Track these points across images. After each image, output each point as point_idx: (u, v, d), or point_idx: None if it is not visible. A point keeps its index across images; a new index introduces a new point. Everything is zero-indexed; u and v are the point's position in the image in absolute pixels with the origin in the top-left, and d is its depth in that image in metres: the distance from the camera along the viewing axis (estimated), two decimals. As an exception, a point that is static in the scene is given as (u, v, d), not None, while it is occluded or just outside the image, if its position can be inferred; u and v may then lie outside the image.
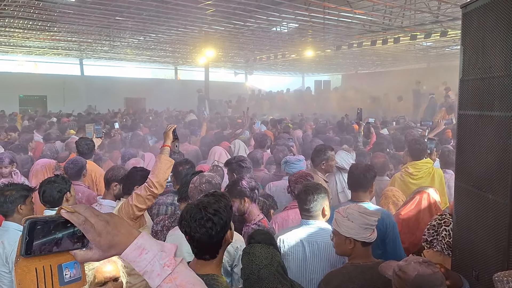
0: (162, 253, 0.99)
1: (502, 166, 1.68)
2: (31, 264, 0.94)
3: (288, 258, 2.66)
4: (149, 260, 0.98)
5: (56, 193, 3.01)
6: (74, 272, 0.98)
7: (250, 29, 14.75)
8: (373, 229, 2.25)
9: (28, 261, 0.94)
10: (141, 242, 0.99)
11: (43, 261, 0.95)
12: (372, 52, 18.53)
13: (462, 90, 2.06)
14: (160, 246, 1.01)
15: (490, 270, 1.73)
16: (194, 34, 15.50)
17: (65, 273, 0.97)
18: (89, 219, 0.97)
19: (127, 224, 1.04)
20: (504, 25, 1.69)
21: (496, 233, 1.72)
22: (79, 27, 14.03)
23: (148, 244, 1.00)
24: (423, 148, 4.33)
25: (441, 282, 1.73)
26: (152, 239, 1.03)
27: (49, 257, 0.96)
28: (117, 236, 0.98)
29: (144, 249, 0.99)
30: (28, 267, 0.94)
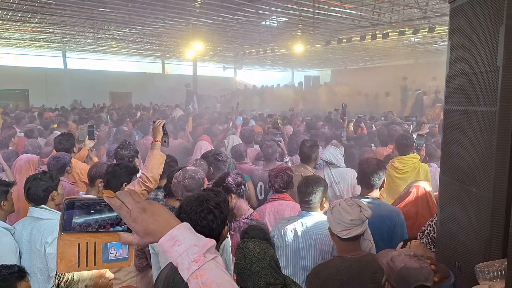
0: (194, 248, 0.98)
1: (486, 161, 1.71)
2: (75, 239, 1.01)
3: (283, 247, 2.78)
4: (180, 253, 0.97)
5: (41, 191, 2.93)
6: (121, 252, 1.04)
7: (239, 23, 14.66)
8: (347, 227, 2.23)
9: (72, 236, 1.01)
10: (175, 234, 0.99)
11: (88, 238, 1.02)
12: (361, 47, 18.62)
13: (448, 85, 2.08)
14: (195, 240, 0.99)
15: (472, 261, 1.76)
16: (182, 27, 15.33)
17: (110, 252, 1.03)
18: (127, 204, 1.01)
19: (167, 214, 1.04)
20: (491, 20, 1.71)
21: (479, 226, 1.75)
22: (61, 18, 13.68)
23: (182, 236, 0.99)
24: (409, 144, 4.39)
25: (425, 278, 1.75)
26: (189, 231, 1.01)
27: (94, 235, 1.02)
28: (153, 224, 1.00)
29: (177, 240, 0.98)
30: (71, 241, 1.01)
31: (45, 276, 2.78)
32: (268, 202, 3.43)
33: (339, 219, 2.25)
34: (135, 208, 1.01)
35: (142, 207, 1.02)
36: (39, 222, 2.85)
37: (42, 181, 2.95)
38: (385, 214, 2.94)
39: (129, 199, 1.02)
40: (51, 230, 2.78)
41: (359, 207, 2.27)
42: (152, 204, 1.05)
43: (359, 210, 2.26)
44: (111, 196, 1.02)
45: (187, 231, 1.01)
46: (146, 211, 1.02)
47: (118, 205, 1.01)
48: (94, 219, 1.02)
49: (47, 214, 2.88)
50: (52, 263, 2.76)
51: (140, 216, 1.01)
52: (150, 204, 1.04)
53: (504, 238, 1.61)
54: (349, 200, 2.34)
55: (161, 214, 1.03)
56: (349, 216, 2.22)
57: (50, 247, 2.76)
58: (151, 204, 1.05)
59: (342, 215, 2.24)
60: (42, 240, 2.77)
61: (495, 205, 1.65)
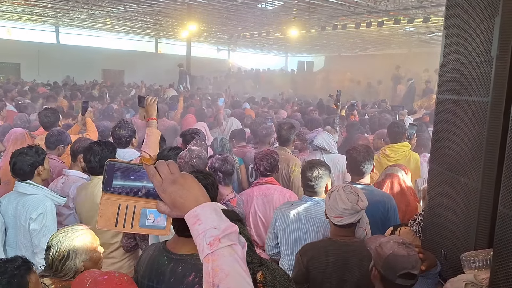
0: (213, 230, 0.95)
1: (476, 151, 1.72)
2: (116, 200, 1.05)
3: (286, 231, 2.80)
4: (199, 232, 0.95)
5: (27, 166, 2.87)
6: (158, 220, 1.06)
7: (235, 4, 14.46)
8: (340, 214, 2.24)
9: (115, 197, 1.05)
10: (198, 212, 0.97)
11: (128, 201, 1.05)
12: (356, 35, 18.54)
13: (441, 75, 2.08)
14: (216, 223, 0.96)
15: (458, 250, 1.78)
16: (177, 6, 15.10)
17: (148, 217, 1.05)
18: (161, 174, 1.01)
19: (198, 189, 1.02)
20: (486, 10, 1.69)
21: (466, 215, 1.77)
22: (55, -8, 13.46)
23: (204, 216, 0.97)
24: (401, 131, 4.43)
25: (412, 265, 1.77)
26: (213, 212, 0.98)
27: (135, 199, 1.05)
28: (181, 198, 0.99)
29: (198, 219, 0.97)
30: (113, 201, 1.05)
31: (30, 251, 2.76)
32: (254, 186, 3.39)
33: (333, 205, 2.25)
34: (167, 179, 1.01)
35: (174, 179, 1.01)
36: (24, 197, 2.81)
37: (28, 156, 2.88)
38: (378, 200, 2.95)
39: (164, 169, 1.02)
40: (36, 206, 2.75)
41: (357, 197, 2.25)
42: (185, 177, 1.03)
43: (356, 199, 2.24)
44: (149, 163, 1.03)
45: (211, 212, 0.98)
46: (176, 183, 1.00)
47: (152, 173, 1.01)
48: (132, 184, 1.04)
49: (32, 189, 2.84)
50: (36, 239, 2.74)
51: (170, 188, 1.00)
52: (183, 177, 1.02)
53: (491, 228, 1.63)
54: (349, 188, 2.31)
55: (191, 188, 1.01)
56: (343, 205, 2.22)
57: (34, 223, 2.73)
58: (184, 177, 1.03)
59: (337, 202, 2.24)
60: (26, 215, 2.74)
61: (483, 196, 1.67)
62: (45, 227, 2.76)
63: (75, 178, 3.37)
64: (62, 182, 3.38)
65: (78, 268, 1.96)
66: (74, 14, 17.93)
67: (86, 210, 2.94)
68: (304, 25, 17.15)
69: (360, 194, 2.29)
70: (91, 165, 2.99)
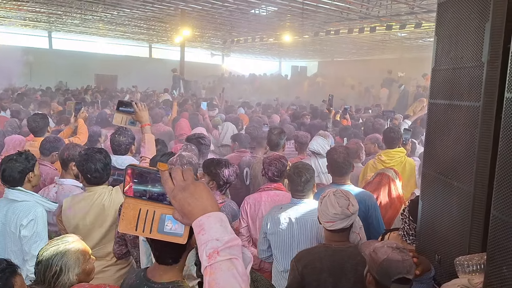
0: (214, 242, 0.93)
1: (468, 155, 1.73)
2: (137, 204, 1.07)
3: (277, 234, 2.82)
4: (202, 242, 0.94)
5: (17, 173, 2.80)
6: (176, 227, 1.06)
7: (229, 10, 14.51)
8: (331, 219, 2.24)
9: (136, 201, 1.07)
10: (203, 221, 0.96)
11: (148, 206, 1.06)
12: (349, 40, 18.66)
13: (433, 80, 2.09)
14: (219, 234, 0.94)
15: (452, 254, 1.78)
16: (170, 11, 15.12)
17: (166, 224, 1.07)
18: (173, 180, 1.01)
19: (207, 198, 1.00)
20: (476, 16, 1.71)
21: (459, 219, 1.78)
22: (48, -3, 13.42)
23: (209, 226, 0.95)
24: (397, 137, 4.43)
25: (407, 270, 1.76)
26: (218, 223, 0.96)
27: (155, 205, 1.06)
28: (189, 205, 0.98)
29: (202, 229, 0.96)
30: (134, 205, 1.07)
31: (20, 259, 2.71)
32: (263, 191, 3.33)
33: (324, 211, 2.26)
34: (178, 186, 1.00)
35: (184, 185, 1.00)
36: (14, 204, 2.76)
37: (18, 163, 2.82)
38: (358, 199, 2.97)
39: (177, 175, 1.01)
40: (26, 213, 2.71)
41: (348, 201, 2.25)
42: (196, 185, 1.01)
43: (347, 204, 2.24)
44: (164, 169, 1.03)
45: (216, 222, 0.96)
46: (186, 190, 0.99)
47: (164, 179, 1.01)
48: (148, 189, 1.06)
49: (23, 196, 2.79)
50: (26, 246, 2.69)
51: (179, 194, 0.99)
52: (194, 184, 1.01)
53: (484, 232, 1.63)
54: (340, 192, 2.32)
55: (199, 196, 0.99)
56: (333, 210, 2.22)
57: (25, 230, 2.68)
58: (195, 184, 1.01)
59: (328, 207, 2.24)
60: (17, 222, 2.69)
61: (476, 200, 1.67)
62: (36, 234, 2.71)
63: (70, 187, 3.28)
64: (55, 191, 3.28)
65: (72, 282, 1.92)
66: (67, 19, 17.88)
67: (87, 223, 2.81)
68: (298, 31, 17.24)
69: (351, 199, 2.29)
70: (97, 175, 2.81)
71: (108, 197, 2.83)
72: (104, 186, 2.89)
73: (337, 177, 3.25)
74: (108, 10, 15.55)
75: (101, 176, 2.84)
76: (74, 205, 2.85)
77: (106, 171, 2.87)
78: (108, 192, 2.86)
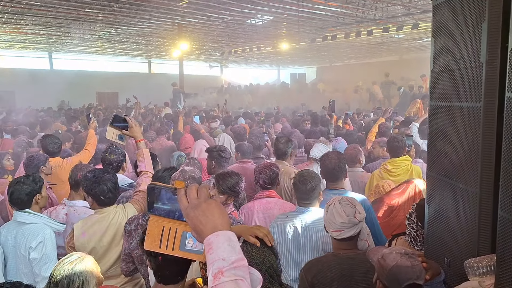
0: (221, 262, 0.93)
1: (472, 156, 1.72)
2: (161, 222, 1.10)
3: (283, 243, 2.82)
4: (210, 262, 0.95)
5: (25, 195, 2.83)
6: (197, 245, 1.08)
7: (225, 22, 14.62)
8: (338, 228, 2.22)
9: (160, 219, 1.10)
10: (212, 240, 0.96)
11: (172, 223, 1.09)
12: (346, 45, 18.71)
13: (433, 82, 2.09)
14: (226, 254, 0.94)
15: (461, 257, 1.77)
16: (167, 26, 15.25)
17: (187, 241, 1.09)
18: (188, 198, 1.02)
19: (218, 217, 1.00)
20: (473, 17, 1.72)
21: (467, 221, 1.76)
22: (47, 19, 13.55)
23: (216, 245, 0.95)
24: (401, 146, 4.40)
25: (417, 276, 1.74)
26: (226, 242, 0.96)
27: (178, 223, 1.09)
28: (201, 224, 0.99)
29: (211, 248, 0.96)
30: (158, 222, 1.10)
31: (31, 281, 2.72)
32: (255, 200, 3.38)
33: (331, 220, 2.23)
34: (191, 204, 1.01)
35: (197, 203, 1.00)
36: (23, 226, 2.78)
37: (25, 185, 2.85)
38: None
39: (192, 193, 1.02)
40: (35, 235, 2.72)
41: (354, 209, 2.22)
42: (208, 203, 1.01)
43: (354, 212, 2.21)
44: (180, 187, 1.04)
45: (224, 241, 0.96)
46: (198, 209, 1.00)
47: (179, 197, 1.03)
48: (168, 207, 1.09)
49: (31, 218, 2.81)
50: (36, 268, 2.70)
51: (192, 213, 1.00)
52: (206, 202, 1.01)
53: (493, 233, 1.62)
54: (345, 201, 2.28)
55: (210, 215, 0.99)
56: (340, 219, 2.20)
57: (34, 252, 2.69)
58: (208, 202, 1.01)
59: (334, 216, 2.22)
60: (26, 245, 2.71)
61: (482, 200, 1.66)
62: (45, 256, 2.73)
63: (82, 209, 3.24)
64: (65, 213, 3.25)
65: None
66: (66, 39, 18.05)
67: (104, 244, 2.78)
68: (294, 38, 17.32)
69: (358, 206, 2.27)
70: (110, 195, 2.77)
71: (124, 215, 2.80)
72: (115, 205, 2.86)
73: (330, 183, 3.28)
74: (106, 29, 15.70)
75: (114, 196, 2.82)
76: (88, 229, 2.77)
77: (117, 190, 2.87)
78: (121, 210, 2.84)
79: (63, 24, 14.52)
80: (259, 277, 1.01)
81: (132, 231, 2.59)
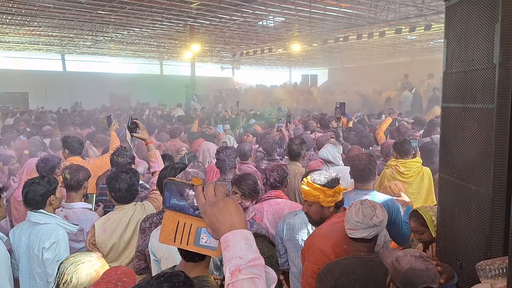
0: (238, 260, 0.95)
1: (484, 158, 1.71)
2: (176, 217, 1.11)
3: (293, 240, 2.86)
4: (227, 259, 0.96)
5: (39, 196, 2.85)
6: (211, 241, 1.09)
7: (236, 23, 14.66)
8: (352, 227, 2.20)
9: (176, 214, 1.11)
10: (229, 238, 0.98)
11: (186, 219, 1.10)
12: (358, 46, 18.62)
13: (445, 83, 2.08)
14: (243, 252, 0.96)
15: (473, 259, 1.75)
16: (179, 28, 15.34)
17: (201, 237, 1.10)
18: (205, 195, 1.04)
19: (235, 215, 1.02)
20: (486, 18, 1.71)
21: (479, 223, 1.75)
22: (60, 21, 13.74)
23: (234, 243, 0.97)
24: (410, 148, 4.46)
25: (432, 279, 1.73)
26: (243, 240, 0.98)
27: (192, 218, 1.10)
28: (218, 221, 1.01)
29: (228, 245, 0.98)
30: (173, 217, 1.11)
31: (44, 281, 2.76)
32: (264, 201, 3.37)
33: (349, 217, 2.23)
34: (209, 201, 1.02)
35: (214, 201, 1.02)
36: (37, 227, 2.81)
37: (40, 186, 2.87)
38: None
39: (209, 191, 1.04)
40: (49, 235, 2.75)
41: (374, 212, 2.18)
42: (226, 201, 1.03)
43: (372, 215, 2.17)
44: (197, 184, 1.06)
45: (241, 239, 0.98)
46: (216, 206, 1.01)
47: (197, 194, 1.05)
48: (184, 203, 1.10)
49: (45, 219, 2.83)
50: (50, 268, 2.73)
51: (209, 210, 1.02)
52: (224, 200, 1.03)
53: (505, 235, 1.61)
54: (368, 203, 2.25)
55: (228, 213, 1.01)
56: (355, 217, 2.18)
57: (48, 252, 2.73)
58: (225, 200, 1.03)
59: (352, 214, 2.22)
60: (39, 245, 2.74)
61: (495, 203, 1.65)
62: (58, 256, 2.75)
63: (82, 211, 3.27)
64: (64, 215, 3.19)
65: None
66: (79, 41, 18.29)
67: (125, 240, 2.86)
68: (306, 40, 17.30)
69: (378, 210, 2.20)
70: (120, 194, 2.88)
71: (142, 211, 2.91)
72: (134, 203, 2.97)
73: (358, 183, 3.28)
74: (118, 30, 15.87)
75: (124, 196, 2.90)
76: (108, 226, 2.87)
77: (130, 192, 2.92)
78: (140, 207, 2.95)
79: (76, 26, 14.71)
80: (274, 275, 1.02)
81: (147, 229, 2.64)
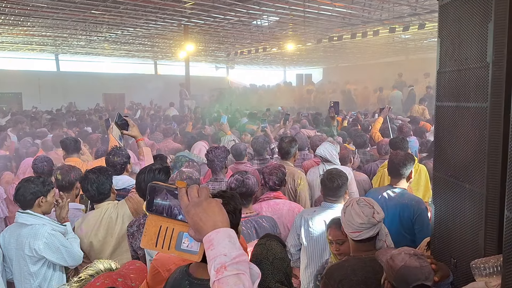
0: (222, 257, 0.96)
1: (478, 157, 1.72)
2: (158, 221, 1.11)
3: (312, 236, 2.95)
4: (211, 257, 0.97)
5: (29, 194, 2.81)
6: (192, 245, 1.09)
7: (230, 23, 14.64)
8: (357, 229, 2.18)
9: (158, 218, 1.11)
10: (212, 237, 0.99)
11: (169, 223, 1.10)
12: (352, 45, 18.67)
13: (439, 82, 2.09)
14: (227, 249, 0.97)
15: (468, 257, 1.76)
16: (173, 28, 15.30)
17: (183, 241, 1.10)
18: (188, 196, 1.04)
19: (218, 214, 1.03)
20: (479, 17, 1.71)
21: (473, 222, 1.76)
22: (53, 21, 13.65)
23: (217, 241, 0.98)
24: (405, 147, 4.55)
25: (426, 277, 1.73)
26: (227, 238, 0.99)
27: (175, 222, 1.10)
28: (201, 221, 1.01)
29: (212, 244, 0.98)
30: (155, 221, 1.11)
31: (40, 279, 2.74)
32: (263, 201, 3.36)
33: (349, 221, 2.19)
34: (192, 202, 1.03)
35: (198, 202, 1.03)
36: (24, 228, 2.77)
37: (33, 184, 2.84)
38: (405, 203, 3.11)
39: (193, 192, 1.05)
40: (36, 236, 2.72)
41: (372, 209, 2.18)
42: (209, 202, 1.04)
43: (372, 212, 2.17)
44: (181, 186, 1.07)
45: (225, 238, 0.99)
46: (199, 207, 1.02)
47: (181, 195, 1.05)
48: (168, 205, 1.10)
49: (31, 219, 2.78)
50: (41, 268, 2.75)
51: (192, 210, 1.02)
52: (207, 201, 1.04)
53: (499, 233, 1.61)
54: (363, 201, 2.25)
55: (211, 212, 1.02)
56: (358, 220, 2.16)
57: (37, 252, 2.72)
58: (208, 201, 1.04)
59: (353, 217, 2.18)
60: (30, 245, 2.71)
61: (489, 201, 1.66)
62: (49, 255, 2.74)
63: (73, 211, 3.26)
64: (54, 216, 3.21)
65: None
66: (72, 41, 18.17)
67: (99, 238, 2.88)
68: (300, 39, 17.32)
69: (376, 206, 2.21)
70: (90, 194, 2.98)
71: (115, 210, 2.94)
72: (109, 201, 3.00)
73: (394, 179, 3.35)
74: (112, 30, 15.79)
75: (93, 195, 2.96)
76: (85, 225, 2.94)
77: (99, 191, 2.96)
78: (113, 205, 2.98)
79: (70, 26, 14.62)
80: (258, 272, 1.02)
81: (135, 232, 2.63)
